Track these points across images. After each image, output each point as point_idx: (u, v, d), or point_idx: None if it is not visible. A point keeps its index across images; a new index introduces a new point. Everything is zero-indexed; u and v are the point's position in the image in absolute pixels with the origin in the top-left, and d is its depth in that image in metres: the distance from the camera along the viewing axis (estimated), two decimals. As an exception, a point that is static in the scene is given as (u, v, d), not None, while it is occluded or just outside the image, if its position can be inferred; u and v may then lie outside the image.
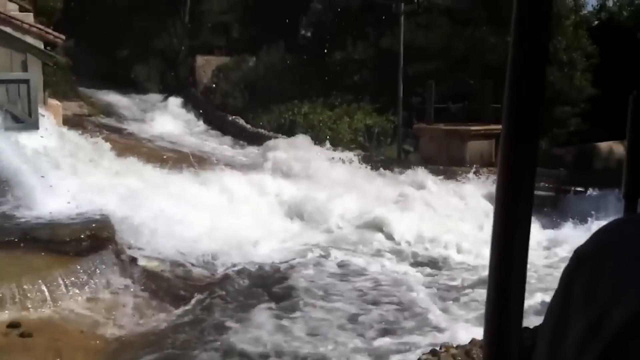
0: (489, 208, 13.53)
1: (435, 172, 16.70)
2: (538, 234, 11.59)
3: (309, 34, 32.24)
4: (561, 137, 19.42)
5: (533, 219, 0.85)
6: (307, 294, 8.43)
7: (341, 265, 10.01)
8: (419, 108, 20.23)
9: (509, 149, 0.86)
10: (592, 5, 24.11)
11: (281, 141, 20.02)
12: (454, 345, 5.07)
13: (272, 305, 7.96)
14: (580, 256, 0.68)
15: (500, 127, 0.90)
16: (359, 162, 18.12)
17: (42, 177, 10.16)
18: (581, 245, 0.69)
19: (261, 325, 7.19)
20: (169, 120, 28.75)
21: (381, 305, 8.13)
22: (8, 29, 15.04)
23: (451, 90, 19.06)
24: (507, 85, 0.86)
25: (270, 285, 8.76)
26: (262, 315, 7.52)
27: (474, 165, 16.89)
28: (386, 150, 21.10)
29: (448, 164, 17.41)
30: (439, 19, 22.60)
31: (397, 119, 20.19)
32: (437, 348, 5.25)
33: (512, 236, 0.85)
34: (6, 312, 5.67)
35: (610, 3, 24.02)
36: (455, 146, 17.57)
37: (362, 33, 24.73)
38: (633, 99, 1.52)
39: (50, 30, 17.09)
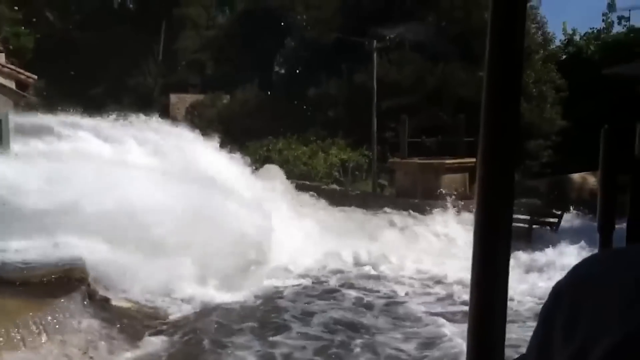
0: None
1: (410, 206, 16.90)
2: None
3: (282, 71, 32.50)
4: (533, 168, 19.69)
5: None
6: (288, 323, 8.44)
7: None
8: (393, 142, 20.40)
9: (485, 181, 0.87)
10: (560, 40, 24.68)
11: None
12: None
13: (252, 338, 7.89)
14: (558, 292, 0.68)
15: (473, 160, 0.91)
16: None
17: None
18: (558, 282, 0.70)
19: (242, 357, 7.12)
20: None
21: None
22: (-21, 70, 14.95)
23: (425, 124, 19.27)
24: (482, 119, 0.86)
25: (249, 320, 8.68)
26: (242, 346, 7.48)
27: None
28: (361, 185, 21.17)
29: (423, 197, 17.50)
30: (410, 55, 22.93)
31: (372, 154, 20.32)
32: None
33: (492, 270, 0.85)
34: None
35: (577, 37, 24.64)
36: (430, 179, 17.69)
37: (336, 70, 24.98)
38: (604, 132, 1.54)
39: (21, 71, 17.03)
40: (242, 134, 26.68)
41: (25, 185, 9.90)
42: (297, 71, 28.38)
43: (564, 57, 23.58)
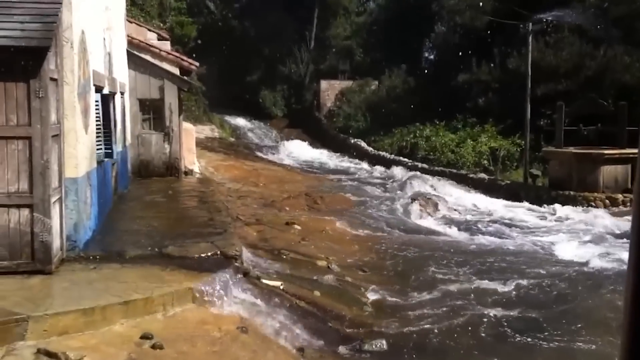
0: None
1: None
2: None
3: (431, 57, 32.09)
4: None
5: None
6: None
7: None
8: (548, 130, 19.52)
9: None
10: None
11: None
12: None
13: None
14: None
15: (638, 150, 0.86)
16: None
17: None
18: None
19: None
20: (293, 144, 29.67)
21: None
22: (147, 57, 16.11)
23: (582, 111, 18.25)
24: None
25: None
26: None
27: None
28: (512, 174, 20.49)
29: (578, 189, 16.64)
30: (569, 38, 21.82)
31: (524, 142, 19.56)
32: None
33: None
34: (140, 323, 6.03)
35: None
36: (587, 170, 16.76)
37: (488, 54, 24.28)
38: None
39: (185, 58, 18.12)
40: (389, 120, 26.74)
41: None
42: (447, 57, 27.87)
43: None
